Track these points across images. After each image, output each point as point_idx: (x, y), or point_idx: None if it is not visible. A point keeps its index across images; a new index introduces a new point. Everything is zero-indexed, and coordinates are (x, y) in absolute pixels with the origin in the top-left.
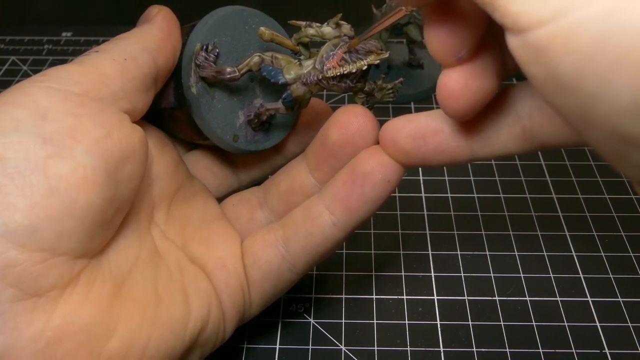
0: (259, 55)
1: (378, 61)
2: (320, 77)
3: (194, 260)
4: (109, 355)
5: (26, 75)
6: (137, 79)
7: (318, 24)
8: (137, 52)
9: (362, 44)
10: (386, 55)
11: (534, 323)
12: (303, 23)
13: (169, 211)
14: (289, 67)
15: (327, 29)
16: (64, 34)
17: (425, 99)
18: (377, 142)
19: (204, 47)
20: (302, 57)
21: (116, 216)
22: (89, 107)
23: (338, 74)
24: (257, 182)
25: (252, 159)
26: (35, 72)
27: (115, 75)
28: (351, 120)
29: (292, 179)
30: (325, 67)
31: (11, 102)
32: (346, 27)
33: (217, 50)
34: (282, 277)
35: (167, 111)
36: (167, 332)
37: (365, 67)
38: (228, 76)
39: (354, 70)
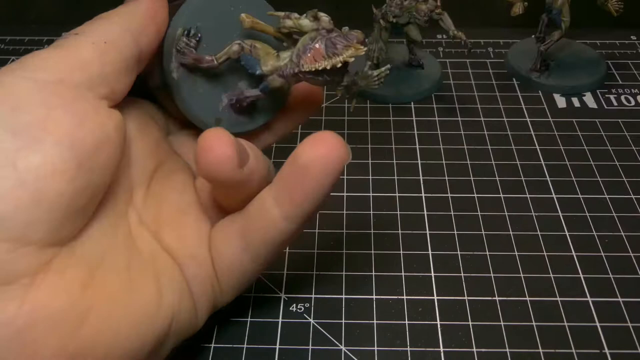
0: (239, 44)
1: (353, 58)
2: (296, 70)
3: (166, 249)
4: (80, 341)
5: None
6: (117, 63)
7: (297, 15)
8: (118, 34)
9: (342, 36)
10: (363, 51)
11: (534, 323)
12: (281, 14)
13: (147, 190)
14: (266, 58)
15: (304, 22)
16: (64, 34)
17: (425, 99)
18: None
19: (186, 31)
20: (284, 44)
21: (89, 204)
22: (62, 95)
23: (314, 69)
24: None
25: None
26: None
27: (93, 60)
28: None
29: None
30: (301, 61)
31: None
32: (325, 20)
33: (200, 35)
34: (247, 269)
35: (155, 90)
36: (138, 320)
37: (340, 64)
38: (206, 65)
39: (328, 67)
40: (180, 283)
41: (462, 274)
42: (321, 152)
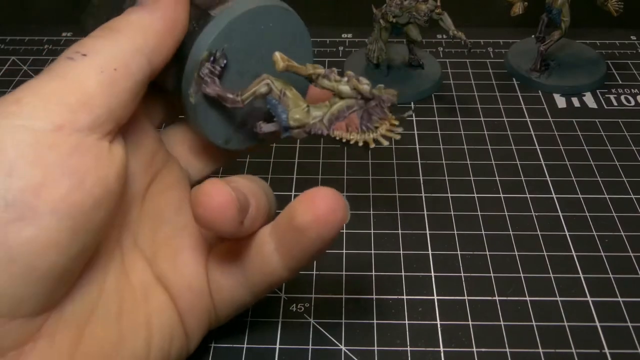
0: (268, 84)
1: (387, 142)
2: (325, 133)
3: (161, 277)
4: None
5: (26, 75)
6: (126, 92)
7: (337, 77)
8: (130, 56)
9: (380, 107)
10: (398, 133)
11: (534, 323)
12: (321, 71)
13: (142, 207)
14: (295, 110)
15: (344, 88)
16: (64, 34)
17: (425, 99)
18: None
19: (211, 57)
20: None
21: (84, 263)
22: (61, 148)
23: (345, 139)
24: None
25: None
26: (36, 72)
27: (101, 94)
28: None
29: None
30: (332, 127)
31: None
32: (365, 90)
33: (226, 61)
34: (246, 301)
35: (163, 89)
36: None
37: (372, 146)
38: (230, 105)
39: (360, 144)
40: (172, 323)
41: (462, 274)
42: (317, 214)
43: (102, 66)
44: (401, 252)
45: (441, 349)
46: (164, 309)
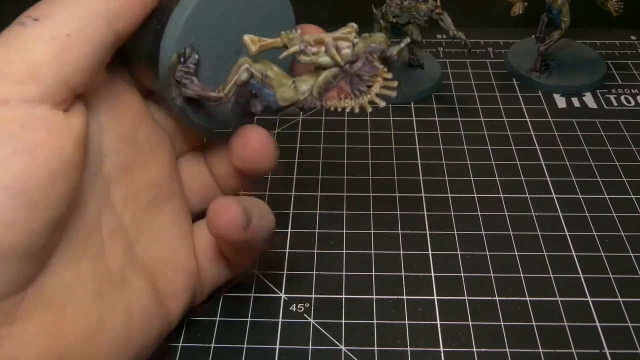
0: (247, 69)
1: (384, 103)
2: (318, 105)
3: (142, 259)
4: None
5: None
6: (83, 57)
7: (314, 50)
8: (87, 20)
9: (368, 64)
10: (394, 86)
11: (534, 323)
12: (296, 44)
13: (126, 184)
14: (282, 90)
15: (324, 59)
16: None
17: (425, 99)
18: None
19: (181, 57)
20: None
21: (51, 237)
22: (9, 123)
23: (340, 108)
24: None
25: None
26: None
27: (50, 62)
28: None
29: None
30: (324, 99)
31: None
32: (346, 54)
33: (197, 55)
34: (233, 270)
35: (135, 57)
36: (110, 356)
37: (369, 110)
38: (214, 102)
39: (356, 110)
40: (151, 306)
41: (462, 274)
42: (220, 224)
43: (53, 32)
44: (401, 252)
45: (441, 349)
46: (143, 293)
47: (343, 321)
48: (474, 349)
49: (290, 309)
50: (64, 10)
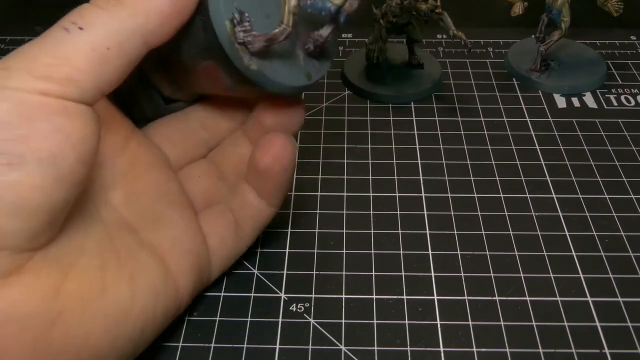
0: None
1: None
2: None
3: (148, 245)
4: (51, 341)
5: None
6: (117, 69)
7: None
8: (127, 36)
9: None
10: None
11: (534, 323)
12: None
13: (124, 188)
14: None
15: None
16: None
17: (425, 99)
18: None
19: (234, 21)
20: None
21: (66, 212)
22: (49, 107)
23: None
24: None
25: (221, 123)
26: None
27: (89, 72)
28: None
29: (240, 153)
30: None
31: None
32: None
33: (247, 14)
34: (239, 252)
35: (175, 60)
36: (110, 322)
37: None
38: (282, 38)
39: None
40: (157, 283)
41: (462, 274)
42: (274, 154)
43: (95, 44)
44: (401, 252)
45: (441, 349)
46: (152, 269)
47: (343, 321)
48: (474, 349)
49: (290, 309)
50: (107, 24)
